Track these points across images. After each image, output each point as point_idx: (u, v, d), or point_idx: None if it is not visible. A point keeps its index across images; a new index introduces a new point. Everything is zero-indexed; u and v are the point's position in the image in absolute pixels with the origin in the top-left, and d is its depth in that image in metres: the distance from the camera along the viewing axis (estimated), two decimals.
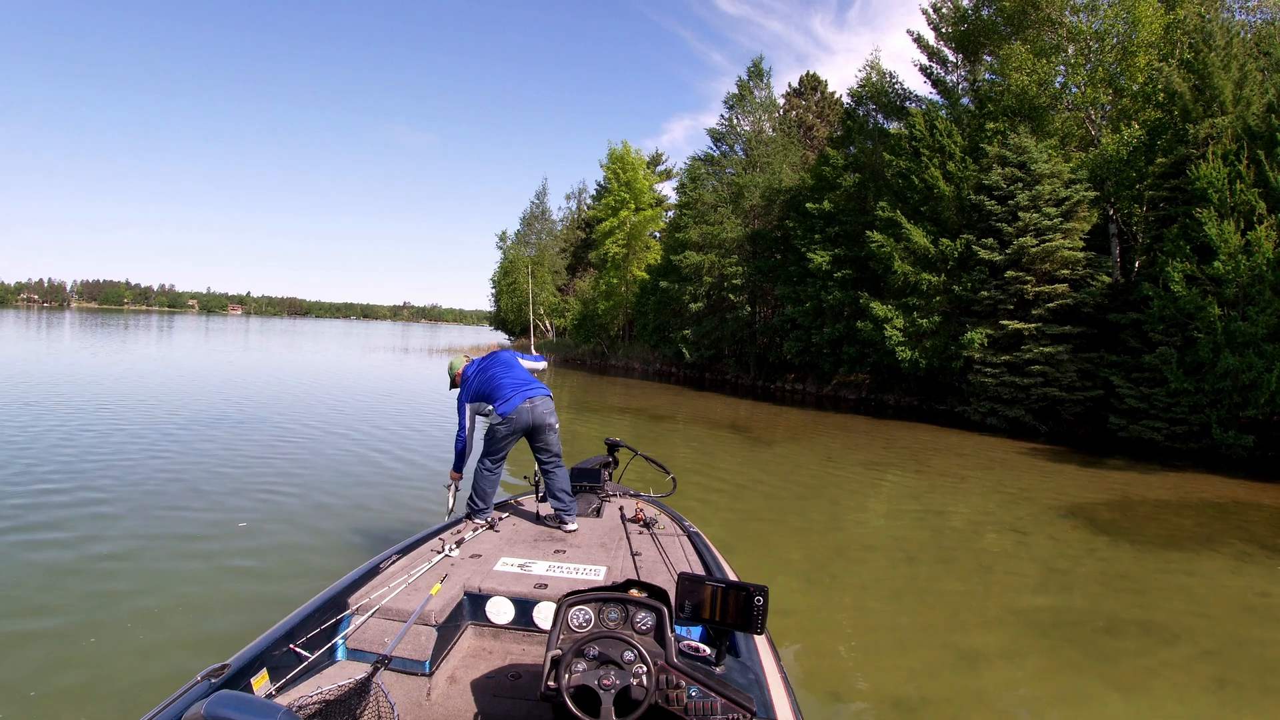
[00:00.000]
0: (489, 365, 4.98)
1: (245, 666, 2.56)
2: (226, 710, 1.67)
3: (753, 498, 9.93)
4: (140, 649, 4.66)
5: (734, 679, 2.44)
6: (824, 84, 43.63)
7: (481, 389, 4.86)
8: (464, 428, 4.88)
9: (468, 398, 4.88)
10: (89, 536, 6.78)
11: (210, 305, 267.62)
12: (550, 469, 4.88)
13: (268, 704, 1.74)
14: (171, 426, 12.68)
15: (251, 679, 2.54)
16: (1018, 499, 10.67)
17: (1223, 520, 10.04)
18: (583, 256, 56.48)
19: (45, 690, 4.08)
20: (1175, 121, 17.52)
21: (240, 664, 2.55)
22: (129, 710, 3.84)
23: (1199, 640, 5.65)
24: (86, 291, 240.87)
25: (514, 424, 4.81)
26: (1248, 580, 7.29)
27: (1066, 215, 18.94)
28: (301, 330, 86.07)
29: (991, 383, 19.13)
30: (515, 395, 4.83)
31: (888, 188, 24.16)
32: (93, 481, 8.72)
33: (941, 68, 26.26)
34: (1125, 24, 19.25)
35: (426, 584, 3.48)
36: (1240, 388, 14.29)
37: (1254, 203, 14.67)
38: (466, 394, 4.89)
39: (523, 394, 4.84)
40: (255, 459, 10.53)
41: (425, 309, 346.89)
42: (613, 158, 43.40)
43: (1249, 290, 14.49)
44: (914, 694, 4.56)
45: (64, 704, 3.97)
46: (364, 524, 7.67)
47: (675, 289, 34.11)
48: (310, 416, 14.99)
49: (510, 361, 5.04)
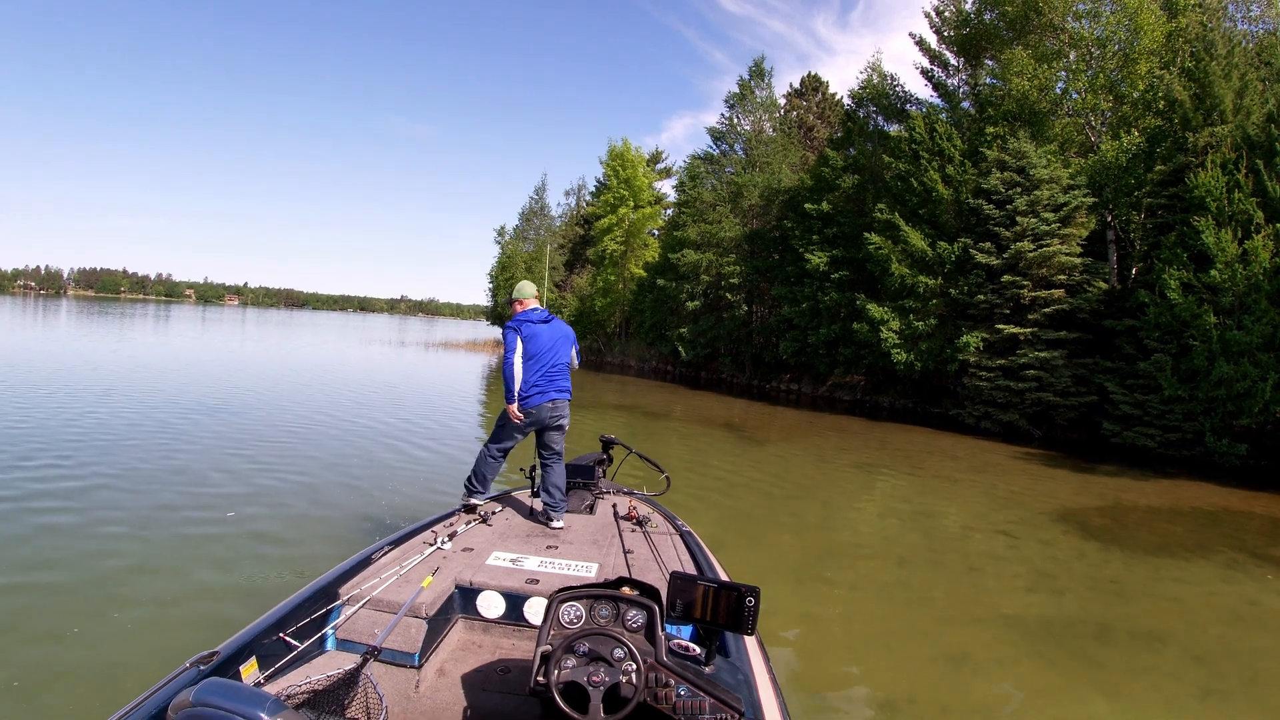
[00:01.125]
0: (541, 338, 4.91)
1: (234, 654, 2.55)
2: (214, 698, 1.67)
3: (745, 496, 9.91)
4: (127, 636, 4.62)
5: (723, 679, 2.43)
6: (825, 85, 43.61)
7: (527, 353, 4.86)
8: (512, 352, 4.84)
9: (518, 342, 4.85)
10: (79, 523, 6.70)
11: (207, 295, 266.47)
12: (549, 464, 4.88)
13: (256, 692, 1.73)
14: (167, 414, 12.57)
15: (240, 667, 2.53)
16: (1009, 503, 10.67)
17: (1214, 528, 10.05)
18: (581, 253, 56.37)
19: (31, 678, 4.05)
20: (1175, 129, 17.54)
21: (229, 652, 2.54)
22: (116, 697, 3.78)
23: (1187, 647, 5.63)
24: (83, 279, 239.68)
25: (532, 419, 4.88)
26: (1238, 588, 7.29)
27: (1064, 221, 18.95)
28: (299, 322, 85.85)
29: (986, 386, 19.15)
30: (544, 391, 4.86)
31: (886, 190, 24.17)
32: (88, 467, 8.61)
33: (943, 71, 26.24)
34: (1127, 31, 19.27)
35: (418, 576, 3.46)
36: (1234, 396, 14.31)
37: (1252, 212, 14.68)
38: (519, 337, 4.85)
39: (550, 394, 4.89)
40: (252, 448, 10.43)
41: (422, 303, 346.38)
42: (613, 155, 43.36)
43: (1245, 299, 14.50)
44: (901, 695, 4.53)
45: (50, 690, 3.95)
46: (357, 515, 7.61)
47: (673, 287, 34.10)
48: (309, 407, 14.91)
49: (558, 347, 5.00)
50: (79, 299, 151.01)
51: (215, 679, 1.82)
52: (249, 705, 1.65)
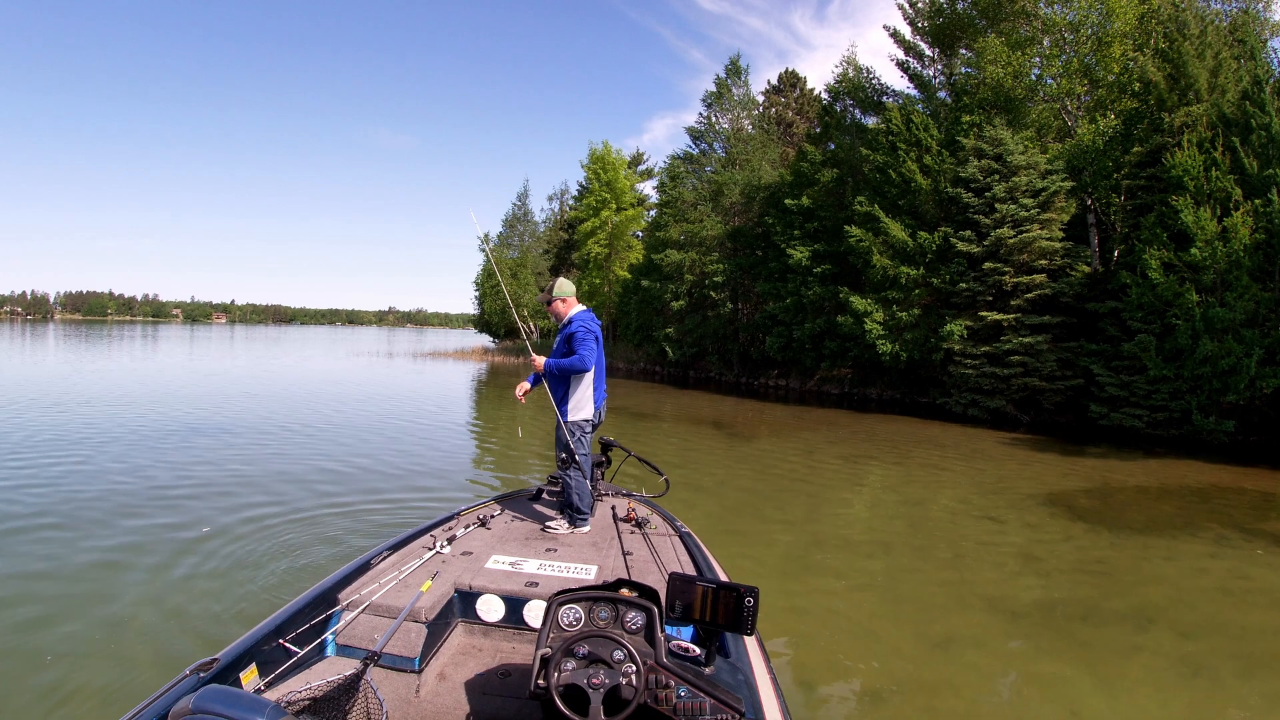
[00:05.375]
0: (599, 344, 4.82)
1: (234, 661, 2.56)
2: (215, 705, 1.68)
3: (732, 494, 9.79)
4: (127, 643, 4.60)
5: (723, 679, 2.43)
6: (803, 81, 43.77)
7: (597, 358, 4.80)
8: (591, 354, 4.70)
9: (594, 344, 4.74)
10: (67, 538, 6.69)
11: (195, 314, 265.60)
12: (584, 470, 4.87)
13: (256, 699, 1.74)
14: (155, 432, 12.43)
15: (240, 674, 2.55)
16: (996, 489, 10.58)
17: (1203, 505, 9.99)
18: (566, 257, 56.36)
19: (30, 688, 4.04)
20: (1151, 110, 17.57)
21: (229, 658, 2.55)
22: (116, 705, 3.83)
23: (1176, 625, 5.57)
24: (70, 303, 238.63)
25: (595, 423, 4.90)
26: (1227, 564, 7.23)
27: (1043, 206, 18.94)
28: (288, 338, 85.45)
29: (972, 374, 19.11)
30: (601, 395, 4.91)
31: (866, 183, 24.20)
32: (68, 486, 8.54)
33: (918, 62, 26.27)
34: (1099, 15, 19.28)
35: (417, 581, 3.48)
36: (1219, 373, 14.28)
37: (1230, 189, 14.69)
38: (593, 342, 4.73)
39: (602, 396, 4.94)
40: (248, 459, 10.35)
41: (410, 314, 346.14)
42: (593, 158, 43.31)
43: (1226, 276, 14.49)
44: (890, 685, 4.46)
45: (50, 699, 3.93)
46: (356, 520, 7.57)
47: (657, 288, 34.06)
48: (295, 420, 14.75)
49: (600, 351, 4.90)
50: (66, 322, 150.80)
51: (215, 686, 1.83)
52: (249, 712, 1.67)
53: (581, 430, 4.77)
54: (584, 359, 4.63)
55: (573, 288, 4.93)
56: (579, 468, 4.63)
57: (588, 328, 4.72)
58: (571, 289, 4.91)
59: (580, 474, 4.61)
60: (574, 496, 4.54)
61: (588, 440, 4.83)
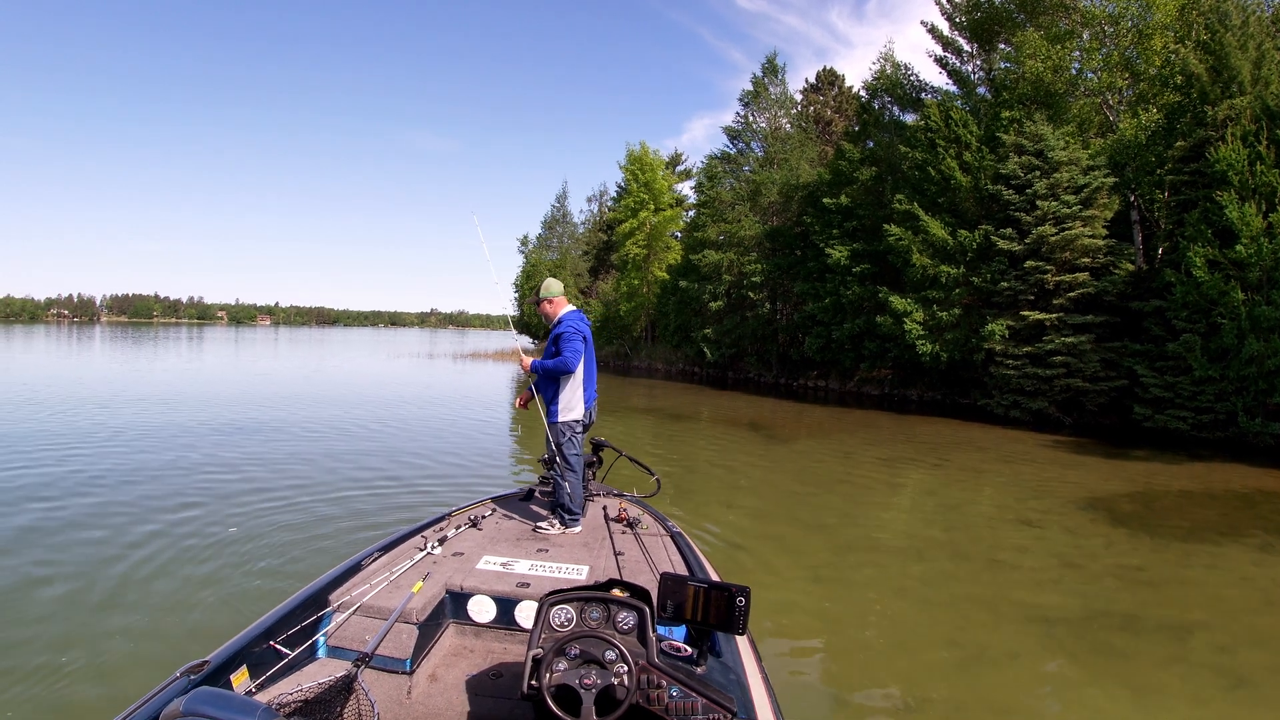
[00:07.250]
0: (587, 344, 4.86)
1: (225, 663, 2.56)
2: (205, 707, 1.66)
3: (768, 495, 9.98)
4: (117, 645, 4.66)
5: (715, 679, 2.45)
6: (841, 79, 43.33)
7: (586, 358, 4.85)
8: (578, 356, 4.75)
9: (581, 344, 4.78)
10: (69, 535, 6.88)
11: (239, 316, 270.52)
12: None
13: (247, 701, 1.73)
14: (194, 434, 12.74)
15: (231, 676, 2.54)
16: (1036, 492, 10.60)
17: (1248, 510, 9.89)
18: (605, 259, 56.64)
19: (20, 689, 4.08)
20: (1194, 104, 17.24)
21: (220, 661, 2.55)
22: (106, 707, 3.83)
23: (1216, 636, 5.47)
24: (116, 305, 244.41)
25: (586, 424, 4.92)
26: (1272, 572, 7.08)
27: (1086, 203, 18.72)
28: (332, 339, 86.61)
29: (1014, 375, 18.96)
30: (592, 396, 4.92)
31: (905, 180, 24.05)
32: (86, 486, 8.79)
33: (956, 57, 26.01)
34: (1140, 6, 18.99)
35: (408, 582, 3.49)
36: (1265, 374, 14.05)
37: (1275, 184, 14.43)
38: (579, 342, 4.77)
39: (593, 396, 4.95)
40: (248, 462, 10.55)
41: (452, 315, 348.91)
42: (631, 159, 43.46)
43: (1273, 274, 14.24)
44: (919, 693, 4.48)
45: (40, 701, 3.98)
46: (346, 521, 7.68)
47: (695, 288, 34.17)
48: (326, 419, 15.00)
49: (590, 351, 4.99)
50: (112, 324, 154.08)
51: (206, 688, 1.80)
52: (240, 714, 1.65)
53: (572, 431, 4.81)
54: (568, 360, 4.66)
55: (561, 287, 4.94)
56: (570, 468, 4.68)
57: (575, 328, 4.77)
58: (560, 289, 4.93)
59: (572, 474, 4.66)
60: (565, 497, 4.59)
61: (579, 440, 4.86)
